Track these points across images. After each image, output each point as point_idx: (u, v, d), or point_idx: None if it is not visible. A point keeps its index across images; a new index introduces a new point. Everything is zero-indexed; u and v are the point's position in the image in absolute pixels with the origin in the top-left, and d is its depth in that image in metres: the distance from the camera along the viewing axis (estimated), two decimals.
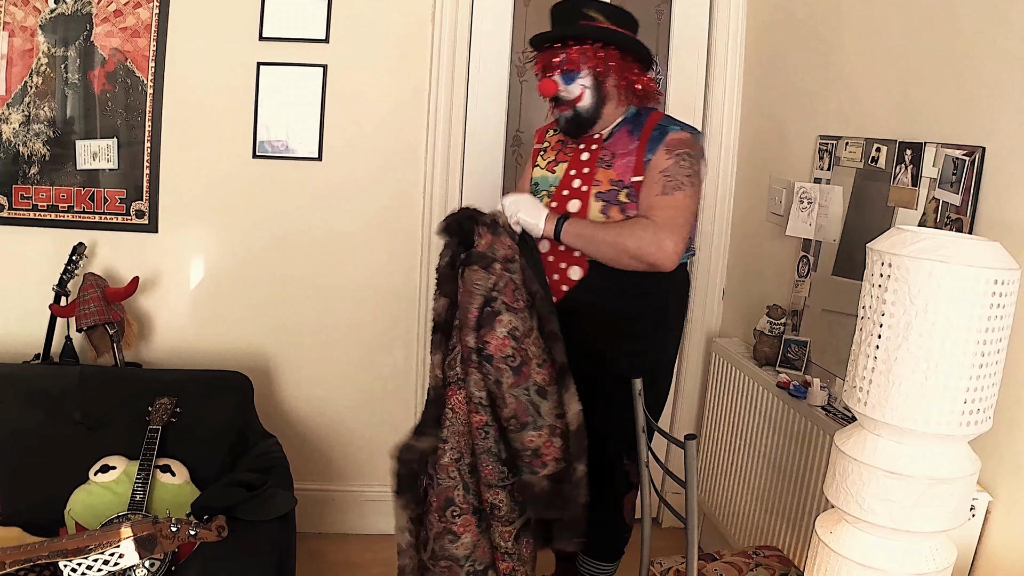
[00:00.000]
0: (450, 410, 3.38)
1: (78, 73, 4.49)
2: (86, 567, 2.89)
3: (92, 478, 3.68)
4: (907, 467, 2.21)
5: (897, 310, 2.16)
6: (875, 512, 2.26)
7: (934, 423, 2.16)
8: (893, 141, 3.38)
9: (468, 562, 3.40)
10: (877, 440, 2.27)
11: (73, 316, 4.30)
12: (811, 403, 3.61)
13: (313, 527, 4.78)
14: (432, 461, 3.42)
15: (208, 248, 4.74)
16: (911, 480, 2.21)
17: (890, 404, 2.20)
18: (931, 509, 2.23)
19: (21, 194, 4.54)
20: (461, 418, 3.37)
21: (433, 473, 3.42)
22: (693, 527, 2.84)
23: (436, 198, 4.74)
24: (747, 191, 4.76)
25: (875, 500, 2.26)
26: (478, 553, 3.42)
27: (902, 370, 2.17)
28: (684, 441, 2.77)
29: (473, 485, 3.39)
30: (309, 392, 4.93)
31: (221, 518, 3.07)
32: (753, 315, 4.44)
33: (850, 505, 2.31)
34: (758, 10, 4.68)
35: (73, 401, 3.94)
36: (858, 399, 2.28)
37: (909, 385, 2.16)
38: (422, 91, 4.70)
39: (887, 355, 2.20)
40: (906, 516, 2.23)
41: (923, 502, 2.22)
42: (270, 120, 4.62)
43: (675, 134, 3.46)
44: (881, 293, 2.21)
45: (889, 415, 2.20)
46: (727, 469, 4.38)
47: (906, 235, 2.21)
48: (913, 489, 2.21)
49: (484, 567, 3.43)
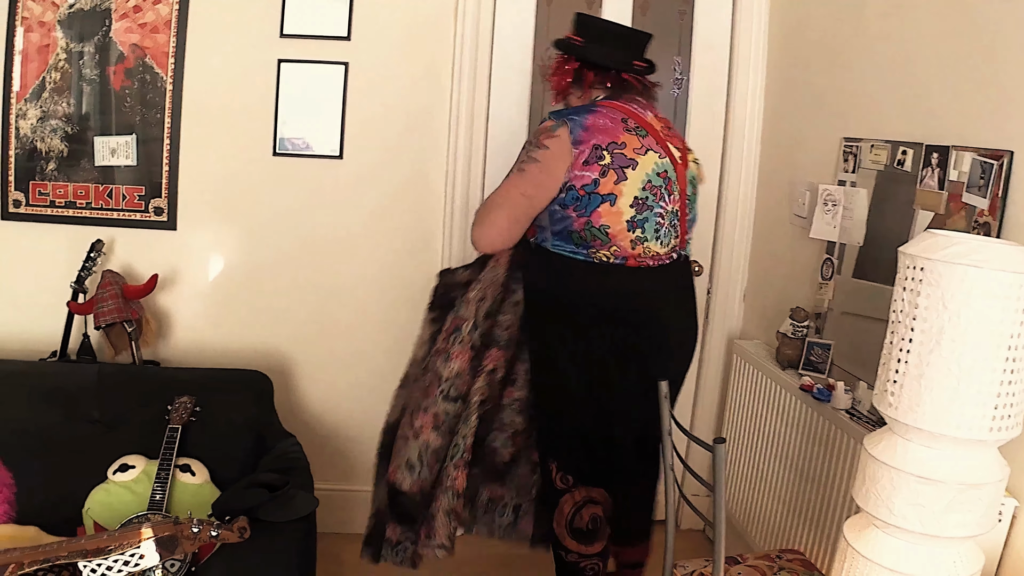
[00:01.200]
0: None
1: (96, 69, 4.49)
2: (106, 568, 2.87)
3: (111, 477, 3.68)
4: (938, 472, 2.21)
5: (930, 315, 2.15)
6: (905, 517, 2.25)
7: (965, 428, 2.15)
8: (919, 144, 3.36)
9: (447, 384, 3.64)
10: (908, 445, 2.27)
11: (91, 314, 4.30)
12: (835, 406, 3.59)
13: (332, 527, 4.74)
14: (462, 291, 3.74)
15: (227, 246, 4.75)
16: (942, 485, 2.20)
17: (921, 409, 2.19)
18: (961, 515, 2.22)
19: (38, 190, 4.55)
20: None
21: (458, 300, 3.74)
22: (721, 531, 2.82)
23: (458, 198, 4.74)
24: (769, 193, 4.75)
25: (905, 505, 2.25)
26: (459, 382, 3.65)
27: (934, 375, 2.16)
28: (713, 445, 2.75)
29: (483, 327, 3.68)
30: (328, 391, 4.93)
31: (243, 519, 3.05)
32: (775, 317, 4.44)
33: (880, 510, 2.30)
34: (781, 11, 4.67)
35: (91, 399, 3.94)
36: (889, 403, 2.27)
37: (941, 390, 2.15)
38: (444, 90, 4.70)
39: (919, 359, 2.19)
40: (936, 521, 2.22)
41: (953, 507, 2.21)
42: (290, 117, 4.62)
43: (543, 124, 3.61)
44: (913, 297, 2.20)
45: (920, 420, 2.19)
46: (749, 472, 4.37)
47: (938, 239, 2.20)
48: (943, 494, 2.20)
49: (457, 396, 3.67)
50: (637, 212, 3.42)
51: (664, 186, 3.48)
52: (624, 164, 3.42)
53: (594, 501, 3.73)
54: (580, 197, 3.43)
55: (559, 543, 3.80)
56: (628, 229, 3.43)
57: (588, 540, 3.75)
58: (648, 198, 3.44)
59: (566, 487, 3.72)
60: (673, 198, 3.53)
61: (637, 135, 3.50)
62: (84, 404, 3.92)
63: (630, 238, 3.44)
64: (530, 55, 4.76)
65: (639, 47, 3.72)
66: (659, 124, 3.62)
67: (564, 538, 3.77)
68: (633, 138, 3.48)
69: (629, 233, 3.43)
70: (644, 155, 3.46)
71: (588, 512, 3.73)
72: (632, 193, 3.41)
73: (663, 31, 4.76)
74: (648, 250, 3.49)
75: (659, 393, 3.24)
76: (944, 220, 3.18)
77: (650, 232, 3.46)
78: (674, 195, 3.53)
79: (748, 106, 4.81)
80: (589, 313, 3.58)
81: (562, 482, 3.73)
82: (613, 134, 3.47)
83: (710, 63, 4.86)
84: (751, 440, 4.35)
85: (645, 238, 3.46)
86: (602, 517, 3.75)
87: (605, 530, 3.77)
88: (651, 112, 3.66)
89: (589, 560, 3.78)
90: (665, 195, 3.48)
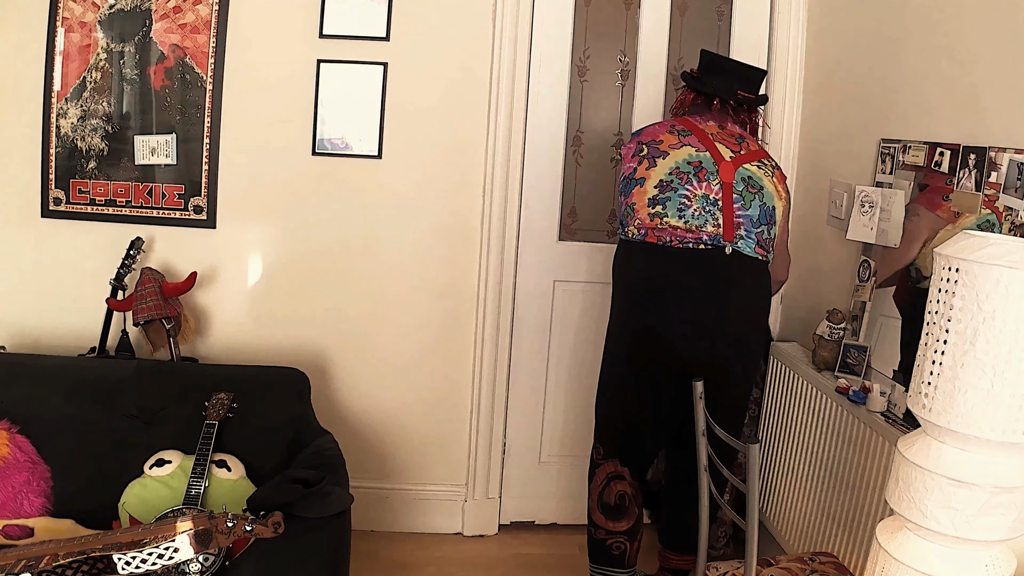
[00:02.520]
0: None
1: (136, 69, 4.53)
2: (140, 560, 2.89)
3: (147, 472, 3.72)
4: (971, 475, 2.20)
5: (964, 316, 2.14)
6: (938, 520, 2.24)
7: (999, 431, 2.14)
8: (957, 145, 3.35)
9: None
10: (941, 447, 2.26)
11: (130, 310, 4.34)
12: (871, 409, 3.58)
13: (365, 525, 4.78)
14: None
15: (266, 244, 4.78)
16: (975, 488, 2.19)
17: (955, 411, 2.18)
18: (994, 518, 2.21)
19: (79, 188, 4.59)
20: None
21: None
22: (754, 532, 2.84)
23: (496, 198, 4.77)
24: (806, 195, 4.74)
25: (938, 508, 2.24)
26: None
27: (968, 376, 2.15)
28: (747, 445, 2.76)
29: None
30: (364, 390, 4.95)
31: (278, 514, 3.05)
32: (811, 319, 4.43)
33: (912, 512, 2.29)
34: (819, 13, 4.67)
35: (129, 395, 3.97)
36: (923, 405, 2.26)
37: (975, 392, 2.14)
38: (482, 90, 4.72)
39: (953, 361, 2.18)
40: (969, 525, 2.21)
41: (986, 511, 2.20)
42: (329, 117, 4.65)
43: None
44: (948, 298, 2.19)
45: (954, 422, 2.18)
46: (782, 474, 4.35)
47: (974, 240, 2.19)
48: (977, 497, 2.19)
49: None
50: (660, 192, 3.77)
51: (694, 173, 3.77)
52: (657, 155, 3.84)
53: (621, 477, 3.98)
54: (624, 184, 3.91)
55: (590, 518, 4.05)
56: (648, 205, 3.78)
57: (616, 516, 3.98)
58: (673, 181, 3.77)
59: (599, 458, 4.02)
60: (706, 185, 3.74)
61: (679, 135, 3.88)
62: (122, 399, 3.95)
63: (649, 212, 3.78)
64: (568, 56, 4.78)
65: (746, 79, 4.07)
66: (717, 131, 3.92)
67: (594, 512, 4.02)
68: (672, 137, 3.87)
69: (649, 208, 3.78)
70: (679, 148, 3.83)
71: (616, 488, 3.97)
72: (659, 177, 3.79)
73: (701, 32, 4.76)
74: (665, 223, 3.74)
75: (695, 393, 3.26)
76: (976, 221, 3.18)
77: (672, 209, 3.74)
78: (708, 183, 3.74)
79: (786, 107, 4.83)
80: (618, 289, 4.04)
81: (595, 453, 4.05)
82: (656, 134, 3.92)
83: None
84: (786, 442, 4.33)
85: (665, 214, 3.74)
86: (629, 495, 3.98)
87: (633, 510, 3.99)
88: (715, 122, 3.97)
89: (615, 538, 4.00)
90: (694, 180, 3.76)
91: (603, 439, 4.04)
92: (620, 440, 4.00)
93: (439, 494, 5.08)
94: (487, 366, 4.95)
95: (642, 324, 3.83)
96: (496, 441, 5.06)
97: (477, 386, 4.98)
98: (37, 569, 2.85)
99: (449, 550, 4.90)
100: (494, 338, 4.94)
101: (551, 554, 4.43)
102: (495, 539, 5.06)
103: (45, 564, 2.86)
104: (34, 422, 3.83)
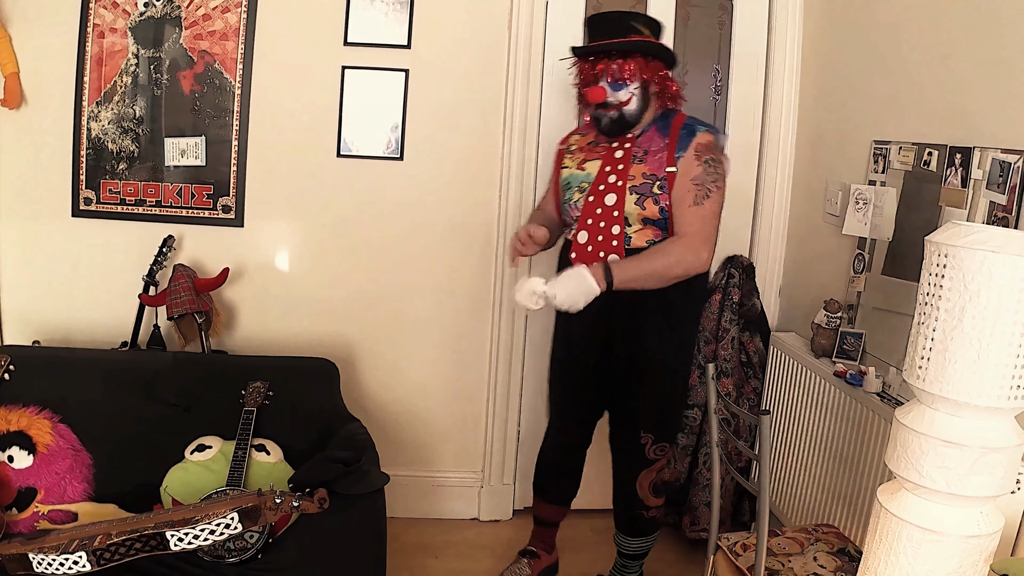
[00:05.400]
0: None
1: (167, 74, 4.65)
2: (193, 536, 3.02)
3: (188, 457, 3.84)
4: (962, 436, 2.37)
5: (953, 295, 2.33)
6: (933, 478, 2.42)
7: (985, 396, 2.32)
8: (944, 146, 3.55)
9: None
10: (935, 413, 2.44)
11: (163, 305, 4.44)
12: (867, 390, 3.77)
13: (392, 511, 4.78)
14: None
15: (292, 242, 4.90)
16: (965, 449, 2.36)
17: (947, 380, 2.35)
18: (983, 476, 2.38)
19: (109, 188, 4.71)
20: None
21: None
22: (765, 497, 3.01)
23: (511, 197, 4.90)
24: (804, 193, 4.89)
25: (933, 467, 2.41)
26: None
27: (957, 349, 2.33)
28: (759, 415, 2.96)
29: None
30: (385, 382, 5.07)
31: (323, 491, 3.19)
32: (809, 310, 4.59)
33: (910, 473, 2.47)
34: (814, 20, 4.82)
35: (167, 384, 4.07)
36: (918, 375, 2.45)
37: (963, 362, 2.32)
38: (499, 94, 4.86)
39: (943, 336, 2.36)
40: (961, 482, 2.39)
41: (976, 469, 2.37)
42: (353, 121, 4.78)
43: (702, 135, 3.74)
44: (938, 280, 2.37)
45: (945, 389, 2.36)
46: (784, 455, 4.54)
47: (961, 228, 2.38)
48: (967, 457, 2.37)
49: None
50: None
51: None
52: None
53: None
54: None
55: (642, 504, 4.12)
56: None
57: (660, 494, 4.16)
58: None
59: (656, 457, 4.08)
60: None
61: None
62: (160, 388, 4.06)
63: None
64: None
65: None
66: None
67: (648, 499, 4.09)
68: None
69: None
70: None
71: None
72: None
73: (704, 41, 4.93)
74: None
75: (707, 374, 3.44)
76: (966, 215, 3.39)
77: None
78: None
79: (783, 112, 4.97)
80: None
81: (653, 453, 4.06)
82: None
83: (747, 71, 5.03)
84: (788, 425, 4.51)
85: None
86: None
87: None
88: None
89: (659, 510, 4.19)
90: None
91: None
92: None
93: (456, 480, 5.20)
94: (503, 358, 5.10)
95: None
96: (511, 430, 5.20)
97: (493, 377, 5.10)
98: (91, 547, 2.96)
99: (467, 534, 5.01)
100: (509, 330, 5.08)
101: (563, 537, 4.54)
102: (510, 524, 5.16)
103: (99, 543, 2.97)
104: (74, 411, 3.91)
